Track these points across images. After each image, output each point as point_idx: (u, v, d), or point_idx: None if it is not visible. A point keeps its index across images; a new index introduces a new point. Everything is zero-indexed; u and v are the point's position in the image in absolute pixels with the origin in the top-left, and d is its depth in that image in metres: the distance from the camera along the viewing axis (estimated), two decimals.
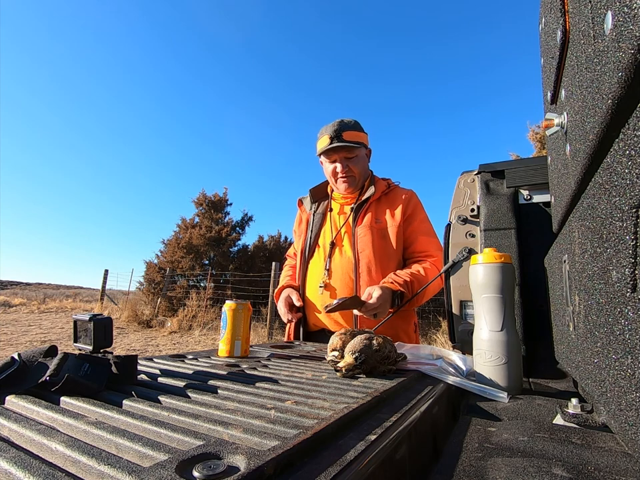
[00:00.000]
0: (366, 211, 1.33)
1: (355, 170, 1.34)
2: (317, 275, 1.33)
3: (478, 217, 1.07)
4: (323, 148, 1.33)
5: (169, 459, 0.27)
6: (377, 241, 1.28)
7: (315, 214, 1.43)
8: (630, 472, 0.39)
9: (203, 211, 10.91)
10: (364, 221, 1.31)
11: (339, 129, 1.30)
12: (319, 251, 1.37)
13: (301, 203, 1.52)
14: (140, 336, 6.41)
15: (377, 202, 1.35)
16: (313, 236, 1.39)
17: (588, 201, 0.41)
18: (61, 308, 10.02)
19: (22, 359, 0.47)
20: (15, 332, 5.84)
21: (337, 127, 1.30)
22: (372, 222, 1.30)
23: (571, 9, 0.41)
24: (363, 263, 1.25)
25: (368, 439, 0.35)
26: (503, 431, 0.51)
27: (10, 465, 0.27)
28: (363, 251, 1.26)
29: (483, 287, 0.71)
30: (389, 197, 1.38)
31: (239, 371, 0.64)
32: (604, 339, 0.37)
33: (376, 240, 1.28)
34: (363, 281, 1.24)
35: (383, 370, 0.66)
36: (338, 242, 1.33)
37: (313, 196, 1.48)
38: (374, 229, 1.29)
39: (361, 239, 1.28)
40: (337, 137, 1.29)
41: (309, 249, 1.38)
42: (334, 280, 1.28)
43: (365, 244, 1.27)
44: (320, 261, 1.34)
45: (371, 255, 1.25)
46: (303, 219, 1.48)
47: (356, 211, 1.33)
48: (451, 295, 1.08)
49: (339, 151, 1.32)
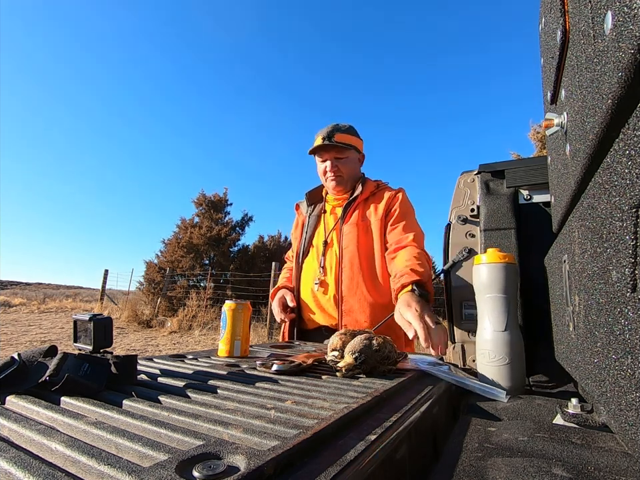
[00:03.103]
0: (354, 210, 1.38)
1: (344, 170, 1.40)
2: (311, 273, 1.38)
3: (478, 217, 1.07)
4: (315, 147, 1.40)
5: (168, 459, 0.27)
6: (362, 237, 1.33)
7: (310, 216, 1.50)
8: (630, 472, 0.39)
9: (203, 211, 10.92)
10: (351, 218, 1.36)
11: (332, 131, 1.38)
12: (312, 251, 1.43)
13: (298, 207, 1.59)
14: (140, 336, 6.41)
15: (364, 201, 1.41)
16: (307, 237, 1.45)
17: (588, 201, 0.41)
18: (61, 308, 10.02)
19: (22, 359, 0.47)
20: (15, 332, 5.84)
21: (330, 129, 1.39)
22: (358, 220, 1.35)
23: (571, 8, 0.41)
24: (346, 259, 1.30)
25: (368, 439, 0.35)
26: (503, 431, 0.51)
27: (10, 465, 0.27)
28: (346, 247, 1.32)
29: (487, 287, 0.71)
30: (376, 196, 1.42)
31: (238, 371, 0.64)
32: (604, 339, 0.37)
33: (361, 236, 1.33)
34: (345, 276, 1.28)
35: (383, 370, 0.66)
36: (329, 240, 1.39)
37: (309, 199, 1.54)
38: (359, 226, 1.34)
39: (345, 235, 1.34)
40: (329, 137, 1.37)
41: (303, 249, 1.44)
42: (328, 277, 1.33)
43: (349, 240, 1.32)
44: (313, 260, 1.40)
45: (354, 250, 1.30)
46: (300, 223, 1.54)
47: (344, 210, 1.39)
48: (450, 295, 1.08)
49: (330, 151, 1.39)
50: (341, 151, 1.39)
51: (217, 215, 10.87)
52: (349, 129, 1.43)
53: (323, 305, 1.31)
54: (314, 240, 1.44)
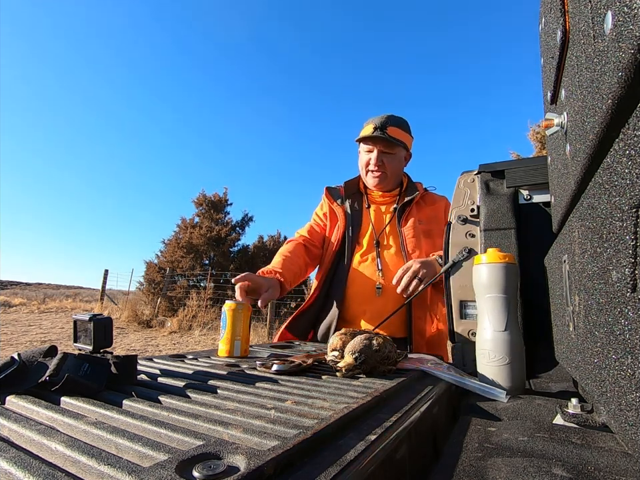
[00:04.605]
0: (409, 213, 1.31)
1: (389, 167, 1.30)
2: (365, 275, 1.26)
3: (478, 216, 1.07)
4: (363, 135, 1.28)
5: (168, 459, 0.27)
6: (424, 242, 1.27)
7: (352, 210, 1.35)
8: (630, 472, 0.39)
9: (203, 211, 10.92)
10: (409, 222, 1.28)
11: (386, 122, 1.26)
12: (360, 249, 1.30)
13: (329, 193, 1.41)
14: (140, 336, 6.41)
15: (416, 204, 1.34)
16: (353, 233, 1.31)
17: (588, 201, 0.41)
18: (61, 308, 10.02)
19: (22, 359, 0.47)
20: (15, 332, 5.84)
21: (384, 120, 1.27)
22: (415, 223, 1.28)
23: (571, 8, 0.41)
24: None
25: (368, 439, 0.35)
26: (503, 431, 0.51)
27: (10, 465, 0.27)
28: (413, 252, 1.24)
29: (487, 287, 0.71)
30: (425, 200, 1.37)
31: (238, 371, 0.64)
32: (604, 339, 0.37)
33: (423, 241, 1.27)
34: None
35: (383, 370, 0.66)
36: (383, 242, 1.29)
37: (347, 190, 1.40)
38: (418, 230, 1.27)
39: (409, 240, 1.26)
40: (382, 128, 1.25)
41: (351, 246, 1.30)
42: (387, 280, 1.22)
43: (415, 245, 1.25)
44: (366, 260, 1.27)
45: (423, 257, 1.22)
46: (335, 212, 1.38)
47: (400, 212, 1.30)
48: (450, 295, 1.08)
49: (378, 143, 1.28)
50: (390, 146, 1.27)
51: (217, 215, 10.87)
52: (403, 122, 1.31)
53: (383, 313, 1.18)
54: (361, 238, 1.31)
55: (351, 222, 1.33)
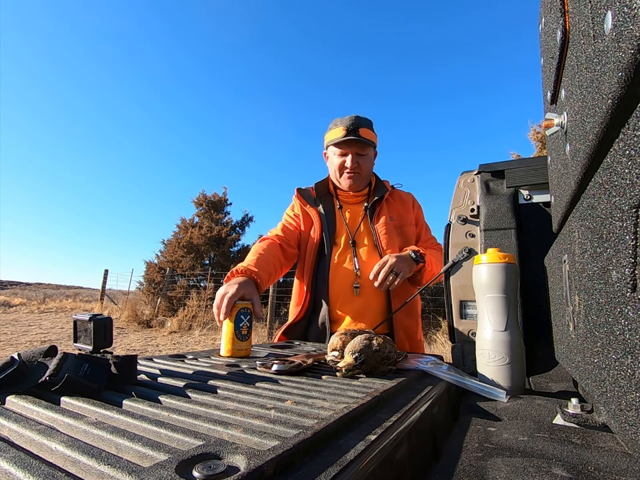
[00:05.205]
0: (380, 210, 1.33)
1: (364, 168, 1.32)
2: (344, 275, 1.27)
3: (478, 216, 1.07)
4: (337, 138, 1.27)
5: (168, 459, 0.27)
6: (397, 238, 1.31)
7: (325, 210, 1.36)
8: (630, 472, 0.39)
9: (203, 210, 10.92)
10: (380, 219, 1.31)
11: (357, 123, 1.25)
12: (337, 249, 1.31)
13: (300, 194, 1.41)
14: (140, 336, 6.41)
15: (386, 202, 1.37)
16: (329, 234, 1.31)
17: (588, 201, 0.41)
18: (61, 308, 10.02)
19: (22, 359, 0.47)
20: (15, 332, 5.84)
21: (354, 121, 1.26)
22: (387, 220, 1.31)
23: (571, 8, 0.41)
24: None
25: (368, 439, 0.35)
26: (503, 431, 0.51)
27: (10, 465, 0.27)
28: (388, 248, 1.26)
29: (487, 287, 0.72)
30: (394, 197, 1.41)
31: (239, 371, 0.64)
32: (604, 339, 0.37)
33: (395, 237, 1.30)
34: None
35: (382, 370, 0.66)
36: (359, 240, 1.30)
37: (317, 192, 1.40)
38: (389, 226, 1.30)
39: (383, 236, 1.28)
40: (354, 130, 1.25)
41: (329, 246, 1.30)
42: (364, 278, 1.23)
43: (389, 241, 1.28)
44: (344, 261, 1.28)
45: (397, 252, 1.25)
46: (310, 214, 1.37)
47: (371, 209, 1.33)
48: (450, 294, 1.08)
49: (352, 145, 1.28)
50: (363, 147, 1.28)
51: (217, 215, 10.87)
52: (369, 121, 1.31)
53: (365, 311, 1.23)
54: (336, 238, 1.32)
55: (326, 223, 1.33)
